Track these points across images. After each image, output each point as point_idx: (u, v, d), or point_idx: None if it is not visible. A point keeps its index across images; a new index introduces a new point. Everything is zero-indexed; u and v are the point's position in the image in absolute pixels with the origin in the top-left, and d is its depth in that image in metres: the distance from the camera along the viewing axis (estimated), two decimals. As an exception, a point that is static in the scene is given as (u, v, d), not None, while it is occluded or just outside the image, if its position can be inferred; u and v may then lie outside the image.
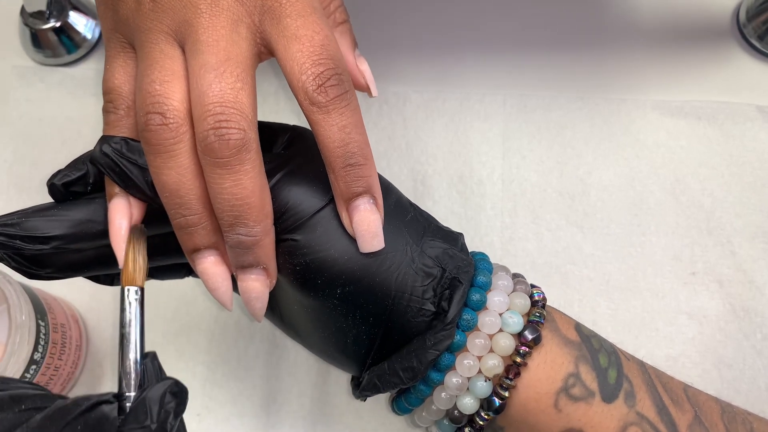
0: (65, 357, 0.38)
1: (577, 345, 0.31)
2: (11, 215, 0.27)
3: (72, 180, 0.28)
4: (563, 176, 0.43)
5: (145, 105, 0.26)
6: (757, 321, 0.41)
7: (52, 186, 0.28)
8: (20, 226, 0.27)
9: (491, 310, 0.30)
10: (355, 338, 0.30)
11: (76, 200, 0.28)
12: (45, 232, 0.27)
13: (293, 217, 0.28)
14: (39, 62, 0.47)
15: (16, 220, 0.27)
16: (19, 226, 0.27)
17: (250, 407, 0.41)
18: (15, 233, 0.27)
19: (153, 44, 0.26)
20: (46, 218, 0.27)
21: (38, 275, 0.30)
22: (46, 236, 0.27)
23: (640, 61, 0.46)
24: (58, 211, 0.28)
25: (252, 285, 0.28)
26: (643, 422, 0.30)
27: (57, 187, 0.28)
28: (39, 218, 0.27)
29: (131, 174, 0.27)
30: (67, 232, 0.27)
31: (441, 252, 0.30)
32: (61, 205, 0.28)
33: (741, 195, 0.43)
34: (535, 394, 0.30)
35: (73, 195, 0.29)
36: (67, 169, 0.28)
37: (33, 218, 0.27)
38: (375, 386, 0.31)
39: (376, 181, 0.28)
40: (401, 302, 0.29)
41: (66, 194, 0.28)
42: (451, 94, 0.45)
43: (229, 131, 0.25)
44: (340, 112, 0.26)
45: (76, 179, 0.28)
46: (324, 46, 0.26)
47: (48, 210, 0.28)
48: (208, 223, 0.27)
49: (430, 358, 0.29)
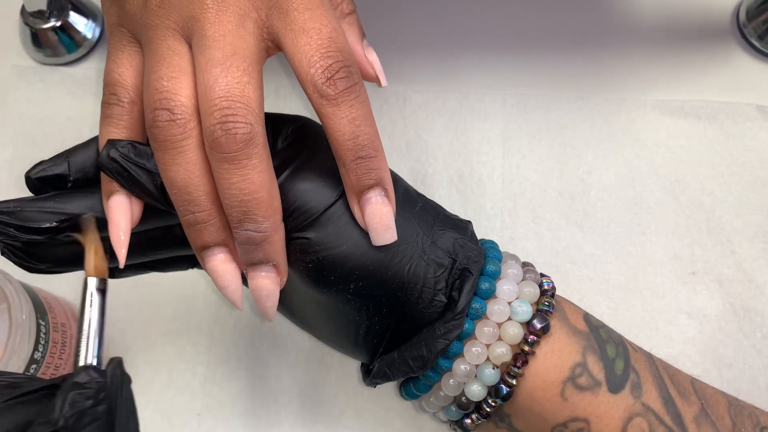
0: (65, 356, 0.38)
1: (585, 335, 0.31)
2: (8, 202, 0.27)
3: (49, 176, 0.28)
4: (563, 176, 0.43)
5: (152, 101, 0.26)
6: (757, 320, 0.41)
7: (28, 179, 0.28)
8: (16, 215, 0.27)
9: (500, 298, 0.30)
10: (368, 330, 0.30)
11: (73, 193, 0.28)
12: (39, 223, 0.27)
13: (303, 215, 0.28)
14: (39, 62, 0.47)
15: (12, 209, 0.27)
16: (14, 215, 0.27)
17: (250, 407, 0.41)
18: (9, 221, 0.27)
19: (160, 40, 0.26)
20: (42, 210, 0.27)
21: (38, 269, 0.30)
22: (40, 227, 0.27)
23: (640, 61, 0.46)
24: (55, 203, 0.27)
25: (262, 282, 0.28)
26: (649, 413, 0.30)
27: (32, 180, 0.28)
28: (34, 209, 0.27)
29: (140, 178, 0.27)
30: (61, 224, 0.27)
31: (452, 242, 0.30)
32: (57, 197, 0.28)
33: (741, 195, 0.43)
34: (542, 383, 0.30)
35: (51, 189, 0.28)
36: (47, 164, 0.28)
37: (29, 208, 0.27)
38: (385, 374, 0.31)
39: (387, 173, 0.28)
40: (413, 294, 0.29)
41: (40, 188, 0.28)
42: (451, 94, 0.45)
43: (236, 125, 0.25)
44: (350, 104, 0.26)
45: (53, 176, 0.28)
46: (332, 38, 0.26)
47: (44, 201, 0.27)
48: (217, 220, 0.27)
49: (440, 347, 0.29)
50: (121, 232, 0.27)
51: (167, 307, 0.42)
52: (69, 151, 0.28)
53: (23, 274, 0.42)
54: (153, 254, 0.31)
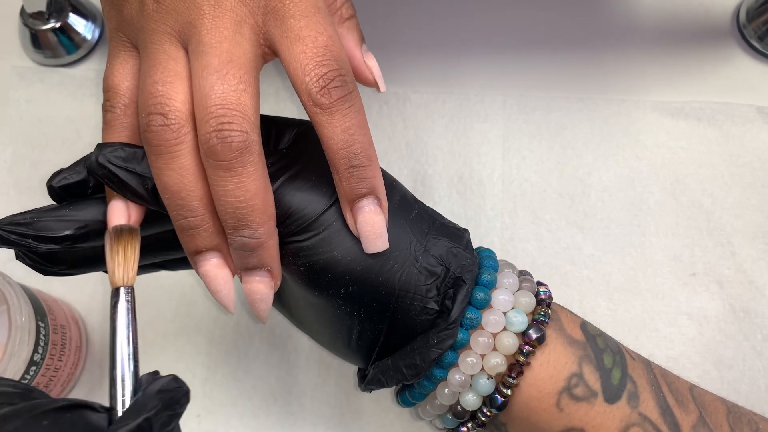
0: (65, 358, 0.38)
1: (581, 344, 0.31)
2: (24, 214, 0.28)
3: (71, 183, 0.28)
4: (563, 177, 0.43)
5: (147, 106, 0.26)
6: (757, 322, 0.41)
7: (51, 188, 0.28)
8: (33, 225, 0.27)
9: (495, 308, 0.30)
10: (360, 334, 0.30)
11: (87, 200, 0.28)
12: (57, 232, 0.27)
13: (297, 220, 0.28)
14: (39, 63, 0.47)
15: (29, 220, 0.27)
16: (31, 226, 0.27)
17: (250, 407, 0.41)
18: (28, 232, 0.27)
19: (156, 45, 0.26)
20: (58, 218, 0.27)
21: (53, 272, 0.30)
22: (57, 236, 0.27)
23: (640, 62, 0.46)
24: (70, 211, 0.28)
25: (256, 287, 0.28)
26: (646, 423, 0.30)
27: (55, 189, 0.28)
28: (51, 218, 0.27)
29: (130, 183, 0.27)
30: (78, 232, 0.28)
31: (445, 251, 0.30)
32: (72, 205, 0.28)
33: (741, 195, 0.43)
34: (538, 393, 0.30)
35: (72, 196, 0.29)
36: (67, 172, 0.28)
37: (45, 218, 0.27)
38: (379, 381, 0.31)
39: (380, 182, 0.28)
40: (404, 301, 0.29)
41: (63, 196, 0.29)
42: (451, 95, 0.45)
43: (232, 134, 0.25)
44: (344, 113, 0.26)
45: (74, 183, 0.28)
46: (327, 47, 0.26)
47: (60, 210, 0.28)
48: (210, 225, 0.27)
49: (433, 356, 0.29)
50: None
51: (167, 309, 0.42)
52: (86, 158, 0.29)
53: (23, 276, 0.43)
54: (163, 255, 0.32)
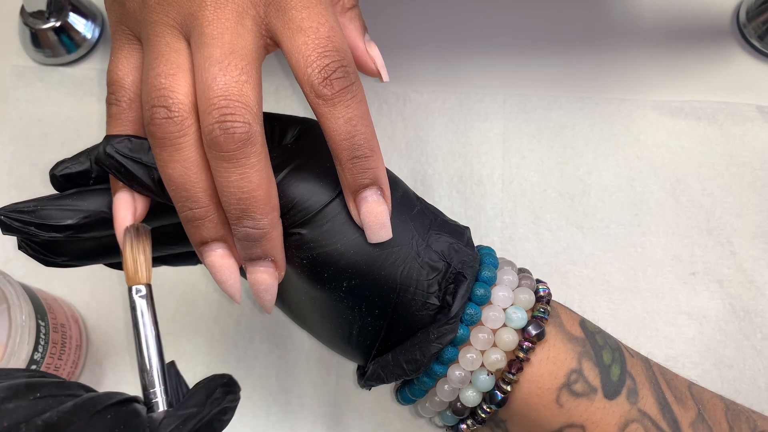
0: (65, 357, 0.38)
1: (580, 341, 0.31)
2: (27, 202, 0.28)
3: (73, 173, 0.28)
4: (563, 176, 0.43)
5: (150, 98, 0.26)
6: (757, 321, 0.41)
7: (53, 176, 0.28)
8: (35, 213, 0.27)
9: (495, 305, 0.30)
10: (360, 329, 0.30)
11: (91, 190, 0.29)
12: (59, 221, 0.27)
13: (301, 212, 0.28)
14: (39, 62, 0.47)
15: (32, 207, 0.28)
16: (34, 214, 0.27)
17: (250, 407, 0.41)
18: (30, 220, 0.27)
19: (159, 37, 0.27)
20: (61, 207, 0.28)
21: (55, 263, 0.30)
22: (60, 225, 0.27)
23: (640, 61, 0.46)
24: (73, 201, 0.28)
25: (261, 277, 0.28)
26: (645, 419, 0.30)
27: (57, 178, 0.28)
28: (54, 207, 0.28)
29: (136, 173, 0.27)
30: (80, 221, 0.28)
31: (447, 246, 0.30)
32: (76, 194, 0.28)
33: (741, 195, 0.43)
34: (537, 389, 0.30)
35: (74, 186, 0.29)
36: (70, 162, 0.29)
37: (48, 207, 0.28)
38: (379, 377, 0.31)
39: (383, 172, 0.28)
40: (406, 296, 0.29)
41: (65, 185, 0.29)
42: (451, 94, 0.45)
43: (234, 125, 0.25)
44: (346, 104, 0.26)
45: (77, 173, 0.28)
46: (329, 38, 0.26)
47: (63, 199, 0.28)
48: (215, 216, 0.27)
49: (433, 351, 0.29)
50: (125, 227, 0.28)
51: (167, 308, 0.42)
52: (90, 150, 0.29)
53: (23, 275, 0.43)
54: (165, 249, 0.32)
